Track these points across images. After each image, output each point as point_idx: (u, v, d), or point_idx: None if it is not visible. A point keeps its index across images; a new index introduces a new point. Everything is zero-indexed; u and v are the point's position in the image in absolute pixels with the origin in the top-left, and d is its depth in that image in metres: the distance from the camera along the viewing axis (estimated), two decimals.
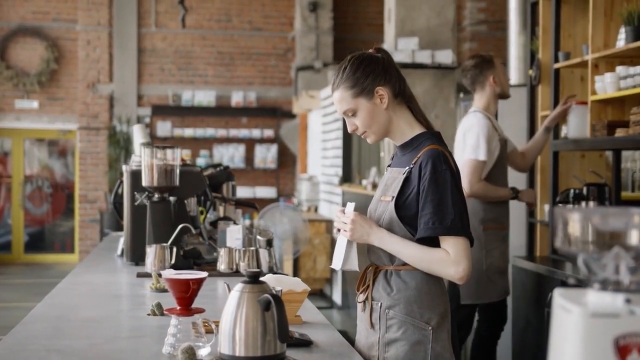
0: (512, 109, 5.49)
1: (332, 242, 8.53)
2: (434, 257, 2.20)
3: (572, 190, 4.41)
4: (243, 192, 11.44)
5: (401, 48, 5.91)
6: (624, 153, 6.26)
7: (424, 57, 5.88)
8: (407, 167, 2.25)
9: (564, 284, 3.91)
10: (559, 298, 1.04)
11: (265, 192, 11.65)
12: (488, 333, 4.34)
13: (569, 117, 4.47)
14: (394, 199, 2.24)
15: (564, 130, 4.67)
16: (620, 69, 4.08)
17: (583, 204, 4.26)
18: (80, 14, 11.58)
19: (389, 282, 2.26)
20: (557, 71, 4.73)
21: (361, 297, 2.35)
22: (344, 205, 2.40)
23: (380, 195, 2.34)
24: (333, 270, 8.43)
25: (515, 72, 8.33)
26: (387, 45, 6.16)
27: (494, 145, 4.19)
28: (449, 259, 2.18)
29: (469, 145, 4.16)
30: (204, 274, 1.99)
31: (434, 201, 2.18)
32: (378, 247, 2.28)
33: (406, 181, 2.24)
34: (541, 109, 5.02)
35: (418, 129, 2.32)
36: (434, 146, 2.24)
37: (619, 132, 4.05)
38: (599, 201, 4.22)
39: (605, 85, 4.16)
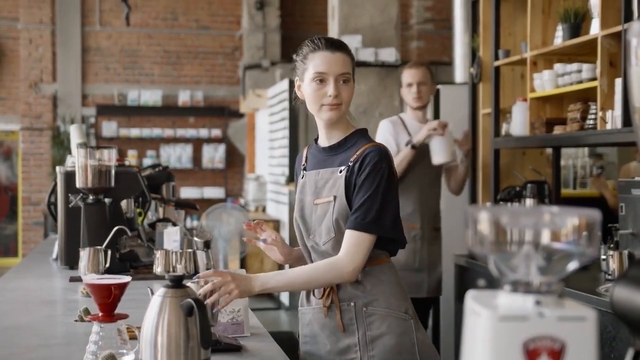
0: (455, 106, 5.50)
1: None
2: (322, 266, 2.17)
3: (512, 188, 4.43)
4: (190, 192, 11.32)
5: None
6: (567, 150, 6.35)
7: (367, 55, 5.87)
8: (345, 166, 2.22)
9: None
10: (471, 301, 1.01)
11: (213, 192, 11.54)
12: None
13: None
14: (337, 198, 2.20)
15: (505, 128, 4.69)
16: (558, 67, 4.10)
17: (524, 201, 4.28)
18: (22, 12, 11.33)
19: (357, 280, 2.20)
20: (497, 69, 4.75)
21: (327, 302, 2.24)
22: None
23: (313, 199, 2.27)
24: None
25: (460, 70, 8.37)
26: None
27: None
28: (338, 262, 2.15)
29: None
30: (127, 279, 1.92)
31: (364, 196, 2.16)
32: (331, 249, 2.21)
33: (349, 178, 2.20)
34: (482, 107, 5.04)
35: (351, 129, 2.32)
36: (374, 144, 2.24)
37: (557, 130, 4.07)
38: (539, 198, 4.24)
39: (544, 83, 4.18)
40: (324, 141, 2.32)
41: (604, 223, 3.71)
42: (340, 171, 2.22)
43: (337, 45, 2.25)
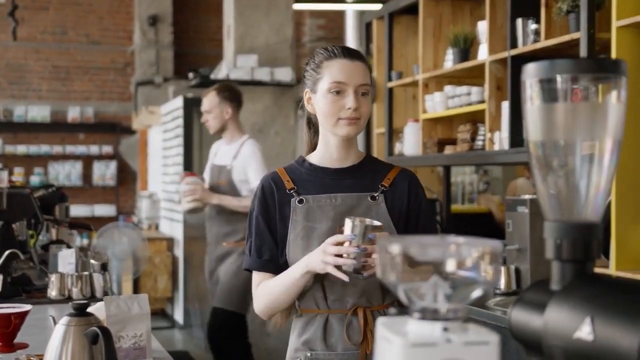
0: None
1: (174, 261, 8.38)
2: None
3: None
4: (80, 210, 11.03)
5: (240, 65, 5.91)
6: (455, 168, 6.56)
7: (263, 74, 5.91)
8: (377, 192, 2.05)
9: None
10: (381, 328, 1.06)
11: (104, 210, 11.30)
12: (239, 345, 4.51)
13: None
14: (382, 227, 1.98)
15: (398, 147, 4.82)
16: (448, 89, 4.26)
17: None
18: None
19: None
20: (390, 90, 4.88)
21: (369, 346, 1.98)
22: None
23: (335, 225, 2.00)
24: (175, 289, 8.28)
25: None
26: (227, 61, 6.14)
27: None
28: None
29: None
30: (27, 307, 1.89)
31: (432, 222, 2.14)
32: (374, 284, 1.99)
33: (392, 205, 2.05)
34: (376, 127, 5.16)
35: (361, 153, 2.17)
36: (402, 167, 2.16)
37: (448, 149, 4.22)
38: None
39: (435, 104, 4.33)
40: (333, 162, 2.10)
41: (491, 238, 3.86)
42: (374, 197, 2.05)
43: (355, 54, 2.05)
